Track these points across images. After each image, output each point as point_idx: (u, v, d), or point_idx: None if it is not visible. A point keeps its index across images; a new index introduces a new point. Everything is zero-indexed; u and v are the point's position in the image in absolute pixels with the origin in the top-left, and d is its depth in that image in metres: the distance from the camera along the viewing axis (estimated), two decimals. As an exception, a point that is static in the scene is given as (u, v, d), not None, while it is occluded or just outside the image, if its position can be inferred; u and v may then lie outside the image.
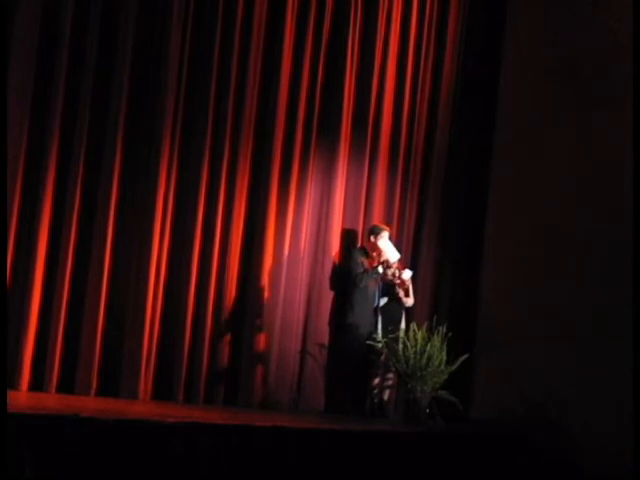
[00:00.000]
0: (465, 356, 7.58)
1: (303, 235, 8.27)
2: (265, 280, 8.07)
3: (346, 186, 8.45)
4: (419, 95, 8.77)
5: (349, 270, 8.00)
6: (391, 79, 8.66)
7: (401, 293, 8.02)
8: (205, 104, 7.92)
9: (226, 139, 7.99)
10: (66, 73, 7.45)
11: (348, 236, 8.39)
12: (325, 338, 8.15)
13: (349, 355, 7.88)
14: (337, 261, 8.27)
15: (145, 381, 7.60)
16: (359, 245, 8.30)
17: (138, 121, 7.71)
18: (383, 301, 8.04)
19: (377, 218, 8.47)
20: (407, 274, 8.01)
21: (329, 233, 8.32)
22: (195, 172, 7.87)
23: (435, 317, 7.73)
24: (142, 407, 7.07)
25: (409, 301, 8.07)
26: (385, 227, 8.18)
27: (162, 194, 7.75)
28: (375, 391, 7.95)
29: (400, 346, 7.52)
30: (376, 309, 8.02)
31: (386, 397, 8.01)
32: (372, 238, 8.11)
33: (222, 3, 8.03)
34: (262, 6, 8.18)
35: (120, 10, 7.65)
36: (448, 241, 8.71)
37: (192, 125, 7.90)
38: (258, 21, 8.17)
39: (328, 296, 8.20)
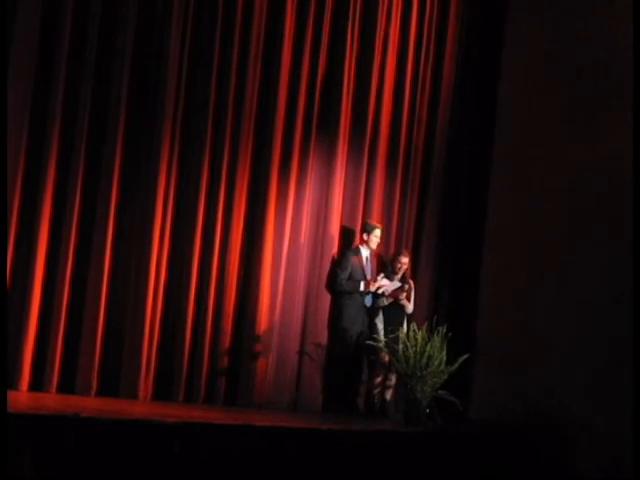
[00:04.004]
0: (465, 356, 7.57)
1: (302, 234, 8.28)
2: (264, 280, 8.07)
3: (345, 185, 8.46)
4: (419, 93, 8.78)
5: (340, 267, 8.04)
6: (391, 77, 8.67)
7: (403, 300, 8.03)
8: (205, 103, 7.92)
9: (226, 138, 7.99)
10: (66, 73, 7.44)
11: (346, 236, 8.40)
12: (324, 338, 8.15)
13: (341, 357, 7.90)
14: (334, 261, 8.26)
15: (145, 381, 7.59)
16: (354, 244, 8.30)
17: (138, 121, 7.71)
18: (382, 302, 8.03)
19: (376, 217, 8.48)
20: (385, 282, 8.01)
21: (328, 233, 8.34)
22: (195, 171, 7.87)
23: (435, 317, 7.72)
24: (142, 407, 7.07)
25: (409, 307, 8.07)
26: (378, 225, 8.20)
27: (162, 194, 7.74)
28: (376, 391, 7.95)
29: (400, 346, 7.52)
30: (370, 309, 8.02)
31: (388, 397, 8.02)
32: (365, 236, 8.14)
33: (222, 2, 8.03)
34: (262, 4, 8.18)
35: (120, 10, 7.64)
36: (448, 241, 8.71)
37: (192, 124, 7.90)
38: (258, 20, 8.16)
39: (327, 296, 8.20)
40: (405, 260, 8.11)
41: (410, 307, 8.07)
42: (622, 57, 7.55)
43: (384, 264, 8.29)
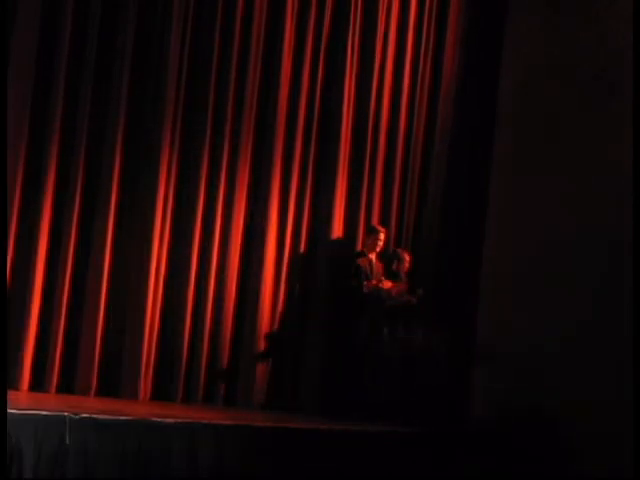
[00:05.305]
0: (464, 355, 7.58)
1: (303, 234, 8.28)
2: (265, 280, 8.07)
3: (347, 183, 8.46)
4: (419, 93, 8.79)
5: (349, 274, 8.05)
6: (391, 77, 8.66)
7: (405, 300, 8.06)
8: (205, 103, 7.91)
9: (226, 138, 7.99)
10: (66, 73, 7.43)
11: (349, 235, 8.42)
12: (325, 338, 8.14)
13: (342, 357, 7.91)
14: (340, 264, 8.27)
15: (145, 381, 7.60)
16: (359, 247, 8.31)
17: (138, 121, 7.71)
18: (386, 302, 8.04)
19: (376, 217, 8.49)
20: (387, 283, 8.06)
21: (329, 233, 8.33)
22: (195, 171, 7.87)
23: (435, 317, 7.73)
24: (142, 407, 7.07)
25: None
26: (381, 228, 8.22)
27: (162, 194, 7.74)
28: (377, 391, 7.95)
29: (400, 346, 7.53)
30: (371, 309, 8.03)
31: (389, 397, 8.01)
32: (368, 239, 8.17)
33: (222, 3, 8.02)
34: (262, 3, 8.16)
35: (120, 10, 7.64)
36: (448, 241, 8.71)
37: (192, 124, 7.90)
38: (258, 19, 8.14)
39: (329, 296, 8.19)
40: (406, 260, 8.15)
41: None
42: (622, 57, 7.56)
43: (387, 264, 8.30)
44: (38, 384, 7.25)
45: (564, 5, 8.21)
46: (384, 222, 8.48)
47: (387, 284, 8.01)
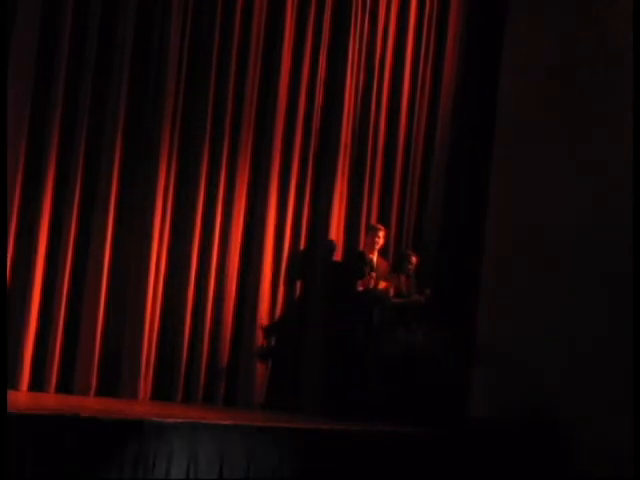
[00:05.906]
0: (464, 355, 7.58)
1: (303, 233, 8.27)
2: (265, 279, 8.06)
3: (347, 182, 8.45)
4: (419, 94, 8.78)
5: (348, 273, 8.04)
6: (391, 75, 8.66)
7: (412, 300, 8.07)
8: (205, 100, 7.90)
9: (226, 136, 7.98)
10: (66, 73, 7.43)
11: (350, 236, 8.42)
12: (324, 337, 8.14)
13: (342, 356, 7.92)
14: (337, 262, 8.27)
15: (145, 381, 7.59)
16: (360, 247, 8.31)
17: (138, 118, 7.69)
18: (388, 302, 8.04)
19: (376, 216, 8.50)
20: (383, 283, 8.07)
21: (329, 232, 8.32)
22: (195, 169, 7.86)
23: (434, 316, 7.73)
24: (142, 407, 7.06)
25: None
26: (380, 226, 8.22)
27: (162, 192, 7.73)
28: (377, 391, 7.95)
29: (400, 346, 7.53)
30: (372, 308, 8.03)
31: (389, 397, 8.01)
32: (368, 238, 8.18)
33: (221, 1, 8.02)
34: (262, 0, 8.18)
35: (120, 10, 7.63)
36: (448, 241, 8.71)
37: (192, 121, 7.89)
38: (258, 13, 8.10)
39: (329, 294, 8.19)
40: (412, 262, 8.16)
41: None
42: (622, 57, 7.56)
43: (396, 264, 8.30)
44: (37, 384, 7.24)
45: (564, 5, 8.21)
46: (384, 221, 8.47)
47: (382, 284, 8.00)
